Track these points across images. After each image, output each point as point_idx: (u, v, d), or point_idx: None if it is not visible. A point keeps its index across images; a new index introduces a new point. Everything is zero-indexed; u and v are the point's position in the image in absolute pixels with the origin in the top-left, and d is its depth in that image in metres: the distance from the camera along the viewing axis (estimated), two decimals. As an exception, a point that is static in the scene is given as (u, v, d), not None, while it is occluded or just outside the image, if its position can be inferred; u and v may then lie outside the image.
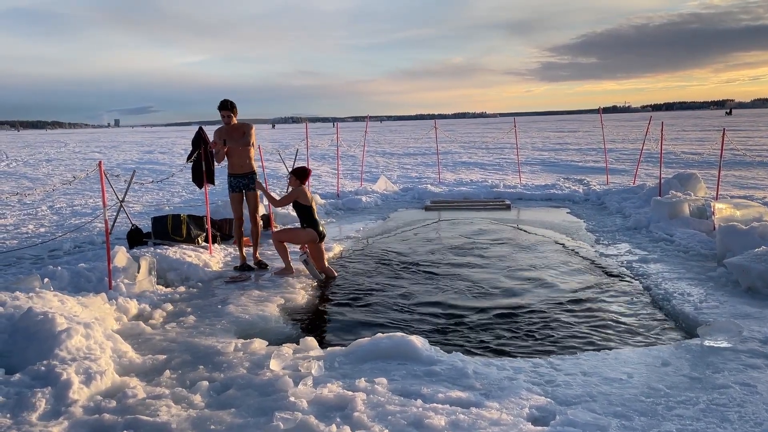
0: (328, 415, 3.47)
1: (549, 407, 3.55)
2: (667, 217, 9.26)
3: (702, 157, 20.61)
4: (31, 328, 4.27)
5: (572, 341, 4.95)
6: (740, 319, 5.04)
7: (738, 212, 7.96)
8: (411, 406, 3.51)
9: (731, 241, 6.92)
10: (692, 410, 3.52)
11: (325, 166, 22.94)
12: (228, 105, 7.26)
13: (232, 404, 3.65)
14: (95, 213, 11.94)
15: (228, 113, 7.24)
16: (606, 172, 16.64)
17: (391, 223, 11.00)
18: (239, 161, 7.31)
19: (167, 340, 4.91)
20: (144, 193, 15.74)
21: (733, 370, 4.09)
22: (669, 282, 6.34)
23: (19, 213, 12.32)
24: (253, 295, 6.18)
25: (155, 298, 6.07)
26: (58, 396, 3.62)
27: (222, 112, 7.26)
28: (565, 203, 13.12)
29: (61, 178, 20.43)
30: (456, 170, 20.93)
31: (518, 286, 6.59)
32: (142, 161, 28.58)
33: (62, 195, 15.37)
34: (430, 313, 5.77)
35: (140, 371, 4.25)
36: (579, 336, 5.07)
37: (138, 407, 3.60)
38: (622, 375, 4.05)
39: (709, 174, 14.94)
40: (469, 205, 13.01)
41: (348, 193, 13.98)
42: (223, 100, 7.29)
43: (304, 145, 13.79)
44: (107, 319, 5.17)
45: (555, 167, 21.35)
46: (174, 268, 6.94)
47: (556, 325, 5.34)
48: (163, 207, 12.91)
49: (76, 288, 5.96)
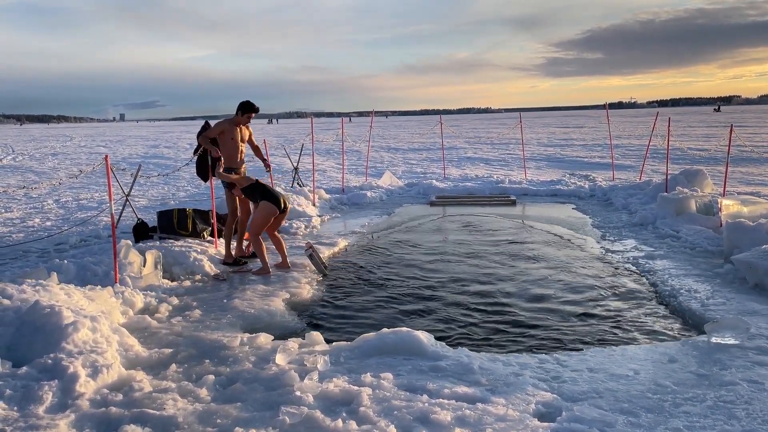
0: (333, 409, 3.47)
1: (555, 403, 3.54)
2: (674, 213, 9.22)
3: (709, 154, 20.52)
4: (38, 321, 4.28)
5: (579, 337, 4.94)
6: (747, 316, 5.02)
7: (745, 209, 7.92)
8: (417, 401, 3.51)
9: (738, 237, 6.88)
10: (699, 407, 3.51)
11: (330, 161, 22.94)
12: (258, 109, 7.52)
13: (238, 398, 3.65)
14: (101, 207, 11.97)
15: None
16: (612, 168, 16.57)
17: (396, 218, 10.99)
18: (241, 157, 7.50)
19: (173, 334, 4.92)
20: (150, 187, 15.78)
21: (741, 367, 4.07)
22: (675, 278, 6.32)
23: (26, 207, 12.36)
24: (258, 290, 6.19)
25: (161, 292, 6.08)
26: (65, 389, 3.63)
27: (252, 116, 7.47)
28: (571, 199, 13.08)
29: (67, 172, 20.49)
30: (461, 166, 20.89)
31: (523, 281, 6.57)
32: (147, 155, 28.64)
33: (68, 189, 15.41)
34: (435, 308, 5.77)
35: (146, 365, 4.26)
36: (585, 332, 5.05)
37: (144, 401, 3.60)
38: (629, 371, 4.03)
39: (716, 170, 14.87)
40: (474, 200, 12.98)
41: (353, 188, 13.98)
42: (256, 105, 7.45)
43: (309, 140, 13.78)
44: (113, 313, 5.18)
45: (560, 163, 21.28)
46: (180, 262, 6.95)
47: (562, 321, 5.33)
48: (168, 201, 12.93)
49: (83, 281, 5.97)
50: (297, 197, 11.07)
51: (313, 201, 11.50)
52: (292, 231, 9.33)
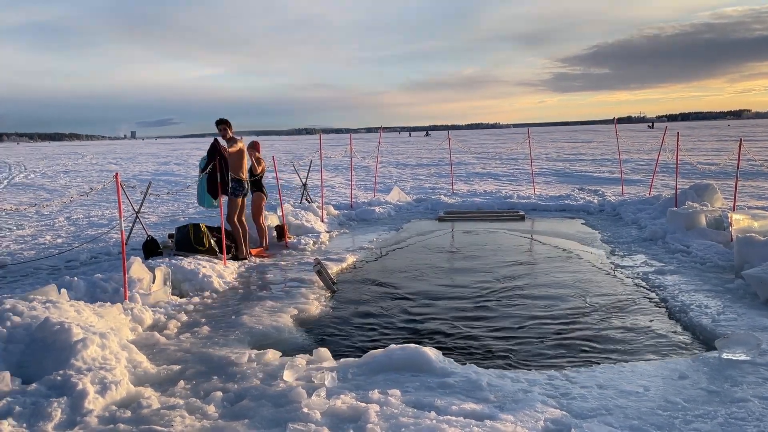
0: (341, 426, 3.46)
1: (564, 420, 3.51)
2: (684, 228, 9.17)
3: (718, 168, 20.41)
4: (48, 338, 4.32)
5: (588, 353, 4.90)
6: (759, 331, 4.97)
7: (756, 223, 7.86)
8: (425, 418, 3.50)
9: (749, 252, 6.83)
10: (710, 424, 3.47)
11: (339, 177, 23.02)
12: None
13: (245, 415, 3.65)
14: (111, 224, 12.06)
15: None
16: (621, 183, 16.52)
17: (404, 233, 10.99)
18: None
19: (181, 351, 4.94)
20: (160, 204, 15.89)
21: (752, 384, 4.02)
22: (686, 294, 6.27)
23: (37, 224, 12.48)
24: (266, 306, 6.20)
25: (170, 309, 6.11)
26: (74, 406, 3.65)
27: (221, 128, 8.52)
28: (580, 214, 13.04)
29: (78, 190, 20.68)
30: (469, 181, 20.90)
31: (532, 297, 6.55)
32: (158, 172, 28.86)
33: (79, 206, 15.55)
34: (443, 324, 5.75)
35: (155, 381, 4.27)
36: (595, 348, 5.02)
37: (152, 417, 3.61)
38: (639, 388, 4.00)
39: (726, 184, 14.79)
40: (482, 215, 12.97)
41: (361, 204, 14.01)
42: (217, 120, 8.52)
43: (318, 156, 13.86)
44: (122, 329, 5.21)
45: (569, 178, 21.25)
46: (189, 279, 6.98)
47: (571, 337, 5.30)
48: (178, 218, 13.01)
49: (93, 298, 6.01)
50: (306, 213, 11.11)
51: (322, 217, 11.54)
52: (300, 247, 9.36)
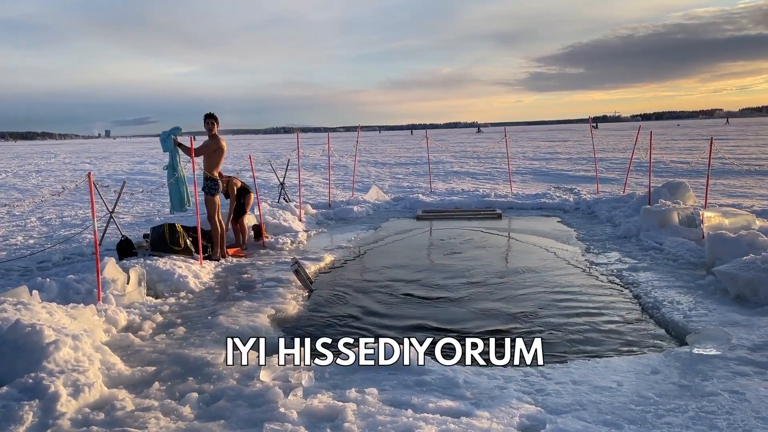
0: (318, 425, 3.46)
1: (539, 416, 3.56)
2: (657, 225, 9.32)
3: (691, 166, 20.76)
4: (19, 340, 4.23)
5: (562, 350, 4.96)
6: (729, 326, 5.07)
7: (726, 220, 8.02)
8: (401, 416, 3.51)
9: (720, 249, 6.98)
10: (681, 418, 3.54)
11: (317, 176, 22.94)
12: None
13: (221, 416, 3.63)
14: (85, 224, 11.87)
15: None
16: (596, 181, 16.73)
17: (382, 232, 11.00)
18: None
19: (156, 352, 4.88)
20: (134, 203, 15.67)
21: (722, 378, 4.11)
22: (658, 290, 6.38)
23: (8, 224, 12.23)
24: (243, 306, 6.16)
25: (145, 310, 6.04)
26: (46, 409, 3.59)
27: (208, 123, 8.49)
28: (556, 212, 13.17)
29: (50, 189, 20.31)
30: (447, 180, 20.98)
31: (508, 294, 6.60)
32: (132, 172, 28.46)
33: (52, 206, 15.27)
34: (421, 321, 5.77)
35: (129, 383, 4.22)
36: (569, 345, 5.08)
37: (126, 419, 3.57)
38: (612, 383, 4.06)
39: (698, 183, 15.05)
40: (460, 214, 13.04)
41: (339, 203, 13.98)
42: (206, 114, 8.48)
43: (296, 155, 13.80)
44: (96, 331, 5.13)
45: (546, 176, 21.44)
46: (164, 279, 6.91)
47: (545, 333, 5.36)
48: (153, 218, 12.85)
49: (65, 300, 5.92)
50: (283, 212, 11.06)
51: (300, 216, 11.50)
52: (278, 246, 9.31)
